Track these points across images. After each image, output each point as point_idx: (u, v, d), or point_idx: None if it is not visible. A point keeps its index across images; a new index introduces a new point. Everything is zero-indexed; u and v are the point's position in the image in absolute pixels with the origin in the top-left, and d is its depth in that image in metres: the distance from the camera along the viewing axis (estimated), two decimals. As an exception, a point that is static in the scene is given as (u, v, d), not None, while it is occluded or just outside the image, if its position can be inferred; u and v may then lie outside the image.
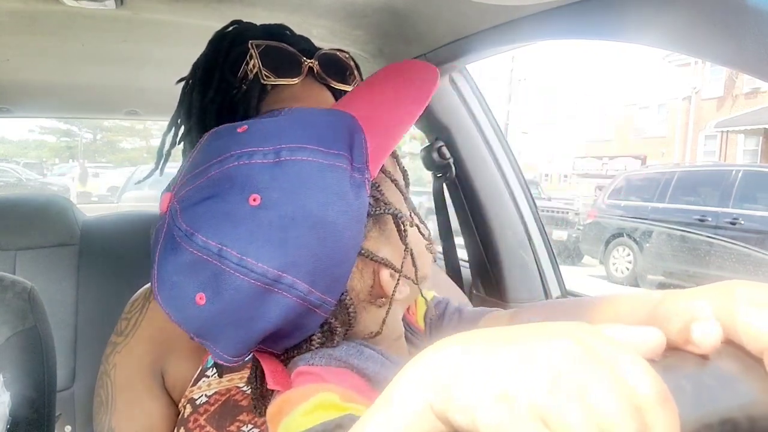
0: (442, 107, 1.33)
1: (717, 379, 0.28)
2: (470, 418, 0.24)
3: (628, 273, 7.15)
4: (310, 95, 0.82)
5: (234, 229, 0.47)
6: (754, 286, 0.31)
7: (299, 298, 0.48)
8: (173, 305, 0.50)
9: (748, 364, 0.29)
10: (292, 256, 0.47)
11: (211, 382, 0.77)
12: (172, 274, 0.49)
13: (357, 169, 0.50)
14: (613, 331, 0.26)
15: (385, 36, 1.20)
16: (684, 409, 0.26)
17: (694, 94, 20.10)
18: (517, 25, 0.93)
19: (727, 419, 0.27)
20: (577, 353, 0.24)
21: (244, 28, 0.86)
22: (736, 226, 6.59)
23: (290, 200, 0.48)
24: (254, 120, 0.55)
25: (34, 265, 1.43)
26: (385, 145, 0.52)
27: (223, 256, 0.47)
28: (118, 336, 0.82)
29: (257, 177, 0.48)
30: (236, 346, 0.51)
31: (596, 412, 0.22)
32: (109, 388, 0.79)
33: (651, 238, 7.16)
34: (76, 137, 23.10)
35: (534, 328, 0.27)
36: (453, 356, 0.27)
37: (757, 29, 0.57)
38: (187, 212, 0.49)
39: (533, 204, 1.45)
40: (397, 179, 0.57)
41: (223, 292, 0.48)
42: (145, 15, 1.08)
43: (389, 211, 0.54)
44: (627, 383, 0.23)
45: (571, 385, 0.23)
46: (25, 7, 1.03)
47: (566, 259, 7.94)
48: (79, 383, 1.41)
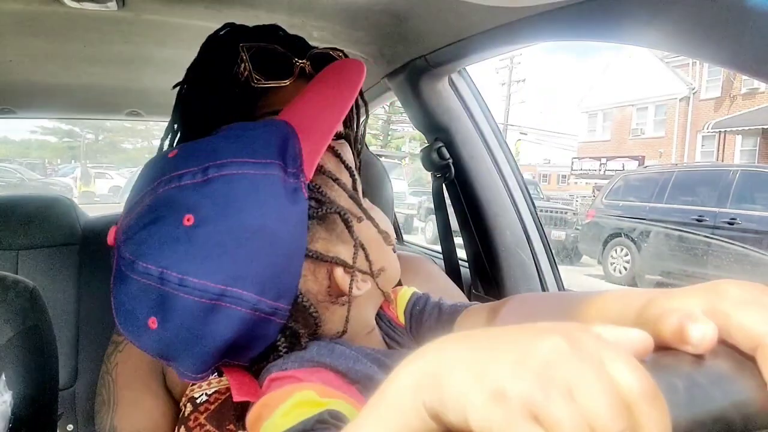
0: (441, 108, 1.34)
1: (710, 377, 0.28)
2: (462, 416, 0.25)
3: (626, 273, 7.16)
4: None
5: (172, 251, 0.49)
6: (742, 285, 0.31)
7: (249, 308, 0.49)
8: (131, 331, 0.53)
9: (740, 362, 0.29)
10: (234, 269, 0.49)
11: (211, 380, 0.77)
12: (125, 302, 0.52)
13: (291, 174, 0.51)
14: (603, 330, 0.27)
15: (385, 38, 1.21)
16: (677, 407, 0.26)
17: (692, 95, 20.12)
18: (516, 27, 0.93)
19: (720, 418, 0.27)
20: (567, 351, 0.24)
21: (236, 30, 0.85)
22: (734, 225, 6.60)
23: (223, 215, 0.49)
24: (185, 144, 0.57)
25: (35, 265, 1.43)
26: (317, 146, 0.53)
27: (165, 279, 0.49)
28: (119, 335, 0.83)
29: (188, 197, 0.50)
30: (196, 363, 0.53)
31: (586, 409, 0.23)
32: (110, 386, 0.80)
33: (649, 238, 7.18)
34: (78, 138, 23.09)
35: (525, 327, 0.27)
36: (446, 356, 0.28)
37: (756, 30, 0.57)
38: (130, 242, 0.51)
39: (532, 204, 1.46)
40: (339, 177, 0.58)
41: (172, 313, 0.49)
42: (147, 16, 1.09)
43: (333, 210, 0.55)
44: (617, 380, 0.24)
45: (561, 382, 0.24)
46: (26, 8, 1.03)
47: (565, 259, 7.96)
48: (80, 382, 1.41)
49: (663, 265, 6.79)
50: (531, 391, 0.23)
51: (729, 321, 0.29)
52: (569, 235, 8.39)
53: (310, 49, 0.84)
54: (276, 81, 0.79)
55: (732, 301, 0.30)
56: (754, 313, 0.29)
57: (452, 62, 1.19)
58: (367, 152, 1.62)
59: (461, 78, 1.36)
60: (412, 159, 21.41)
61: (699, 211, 7.10)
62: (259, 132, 0.55)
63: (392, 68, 1.32)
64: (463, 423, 0.25)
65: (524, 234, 1.41)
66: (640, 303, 0.34)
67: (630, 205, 8.27)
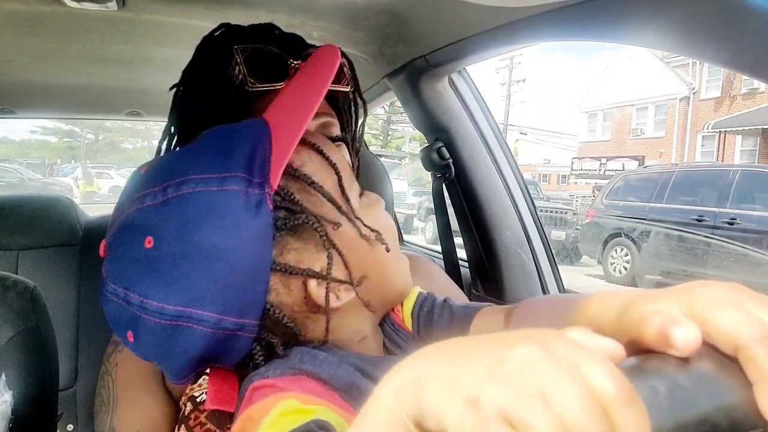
0: (441, 108, 1.34)
1: (693, 380, 0.27)
2: (440, 425, 0.25)
3: (626, 273, 7.17)
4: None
5: (135, 274, 0.50)
6: (716, 286, 0.31)
7: (210, 328, 0.50)
8: (122, 339, 0.55)
9: (724, 363, 0.28)
10: (191, 291, 0.49)
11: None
12: (108, 314, 0.55)
13: (256, 185, 0.50)
14: (576, 335, 0.27)
15: (385, 38, 1.21)
16: (659, 411, 0.26)
17: (692, 95, 20.13)
18: (516, 27, 0.93)
19: (704, 420, 0.26)
20: (540, 356, 0.24)
21: (231, 30, 0.84)
22: (734, 225, 6.60)
23: (179, 236, 0.49)
24: (156, 158, 0.58)
25: (36, 265, 1.43)
26: (285, 149, 0.51)
27: (129, 301, 0.50)
28: None
29: (149, 219, 0.51)
30: (174, 372, 0.54)
31: (561, 413, 0.23)
32: (110, 387, 0.80)
33: (649, 238, 7.18)
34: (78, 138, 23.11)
35: (500, 335, 0.27)
36: (423, 367, 0.28)
37: (756, 30, 0.57)
38: (106, 261, 0.54)
39: (532, 204, 1.46)
40: (316, 181, 0.55)
41: (140, 331, 0.51)
42: (147, 16, 1.09)
43: (302, 221, 0.53)
44: (591, 383, 0.23)
45: (535, 387, 0.23)
46: (27, 8, 1.03)
47: (565, 259, 7.96)
48: (81, 382, 1.41)
49: (663, 265, 6.79)
50: (505, 397, 0.23)
51: (707, 323, 0.29)
52: (569, 235, 8.39)
53: (307, 47, 0.82)
54: (270, 84, 0.78)
55: (708, 302, 0.29)
56: (731, 313, 0.29)
57: (452, 62, 1.19)
58: (367, 152, 1.62)
59: (461, 78, 1.36)
60: (412, 159, 21.42)
61: (699, 211, 7.10)
62: (229, 140, 0.54)
63: (392, 68, 1.32)
64: (442, 430, 0.25)
65: (524, 234, 1.41)
66: (618, 307, 0.33)
67: (630, 205, 8.27)
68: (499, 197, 1.39)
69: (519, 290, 1.39)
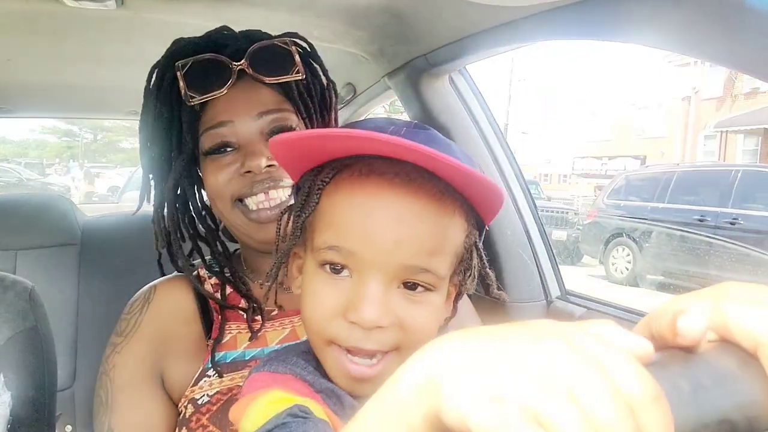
0: (441, 107, 1.33)
1: (714, 378, 0.28)
2: (462, 420, 0.25)
3: (627, 273, 7.15)
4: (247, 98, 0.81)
5: None
6: (744, 286, 0.31)
7: None
8: None
9: (744, 360, 0.29)
10: None
11: (212, 381, 0.77)
12: None
13: None
14: (603, 329, 0.27)
15: (386, 37, 1.21)
16: (682, 408, 0.26)
17: (694, 95, 20.11)
18: (516, 26, 0.93)
19: (725, 419, 0.27)
20: (568, 354, 0.24)
21: (177, 47, 0.85)
22: (736, 225, 6.59)
23: None
24: None
25: (34, 265, 1.43)
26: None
27: None
28: (118, 336, 0.83)
29: None
30: None
31: (591, 413, 0.23)
32: (108, 388, 0.79)
33: (650, 238, 7.17)
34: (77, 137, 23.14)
35: (525, 328, 0.27)
36: (445, 358, 0.28)
37: (757, 29, 0.57)
38: None
39: (533, 204, 1.45)
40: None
41: None
42: (146, 15, 1.08)
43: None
44: (620, 384, 0.23)
45: (562, 384, 0.23)
46: (25, 7, 1.03)
47: (566, 259, 7.94)
48: (79, 383, 1.41)
49: (664, 265, 6.78)
50: (532, 395, 0.23)
51: (729, 320, 0.29)
52: (570, 235, 8.38)
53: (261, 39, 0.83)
54: (212, 93, 0.79)
55: (733, 300, 0.30)
56: (754, 312, 0.29)
57: (452, 61, 1.19)
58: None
59: (461, 77, 1.35)
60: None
61: (701, 211, 7.08)
62: None
63: (392, 67, 1.32)
64: (463, 425, 0.25)
65: (525, 234, 1.40)
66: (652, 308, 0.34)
67: (631, 205, 8.26)
68: (499, 197, 1.38)
69: (520, 290, 1.39)
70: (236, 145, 0.81)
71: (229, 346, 0.81)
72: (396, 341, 0.54)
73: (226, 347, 0.81)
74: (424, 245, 0.53)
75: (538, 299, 1.40)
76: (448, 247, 0.55)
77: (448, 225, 0.54)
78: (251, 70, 0.80)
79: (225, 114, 0.80)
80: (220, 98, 0.80)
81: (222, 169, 0.81)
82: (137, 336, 0.81)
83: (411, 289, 0.54)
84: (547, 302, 1.40)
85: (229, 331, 0.82)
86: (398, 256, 0.52)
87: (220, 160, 0.82)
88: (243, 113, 0.81)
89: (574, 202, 13.48)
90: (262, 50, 0.81)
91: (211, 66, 0.79)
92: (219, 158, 0.82)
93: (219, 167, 0.81)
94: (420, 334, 0.54)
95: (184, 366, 0.81)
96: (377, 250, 0.52)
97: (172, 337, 0.82)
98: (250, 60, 0.80)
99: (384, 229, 0.51)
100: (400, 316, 0.53)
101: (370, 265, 0.52)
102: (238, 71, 0.80)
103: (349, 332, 0.53)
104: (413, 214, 0.52)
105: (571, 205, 11.71)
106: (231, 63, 0.79)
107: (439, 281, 0.55)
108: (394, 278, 0.53)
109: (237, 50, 0.81)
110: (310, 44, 0.90)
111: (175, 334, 0.82)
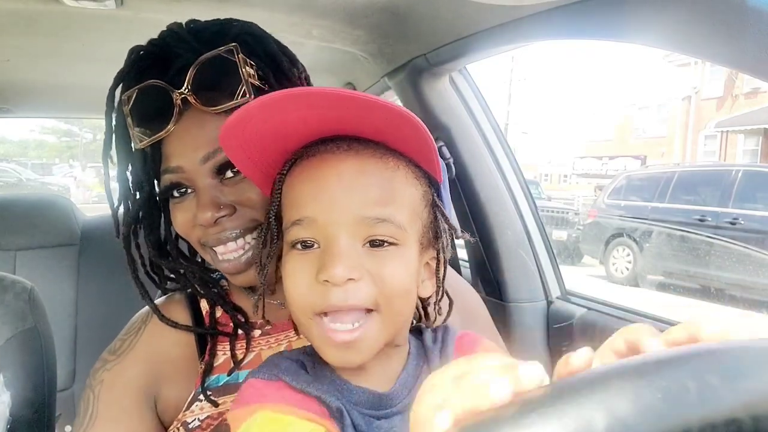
0: (442, 107, 1.33)
1: (723, 378, 0.28)
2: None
3: (627, 273, 7.15)
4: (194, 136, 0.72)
5: None
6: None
7: None
8: None
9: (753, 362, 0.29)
10: None
11: (203, 406, 0.76)
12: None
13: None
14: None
15: (385, 36, 1.20)
16: (689, 408, 0.26)
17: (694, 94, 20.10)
18: (516, 26, 0.92)
19: (731, 420, 0.27)
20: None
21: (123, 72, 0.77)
22: (736, 225, 6.58)
23: None
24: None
25: (34, 266, 1.43)
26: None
27: None
28: (111, 354, 0.81)
29: None
30: None
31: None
32: (90, 402, 0.77)
33: (651, 238, 7.16)
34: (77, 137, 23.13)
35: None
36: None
37: (757, 29, 0.57)
38: None
39: (533, 204, 1.45)
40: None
41: None
42: (145, 15, 1.08)
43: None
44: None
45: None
46: (25, 7, 1.03)
47: (566, 259, 7.93)
48: (79, 383, 1.41)
49: (665, 265, 6.77)
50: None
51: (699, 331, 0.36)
52: (571, 235, 8.37)
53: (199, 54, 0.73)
54: (156, 135, 0.72)
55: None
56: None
57: (452, 61, 1.18)
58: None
59: (462, 77, 1.35)
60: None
61: (701, 211, 7.07)
62: None
63: (392, 67, 1.32)
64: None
65: (525, 234, 1.40)
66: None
67: (632, 205, 8.26)
68: (500, 196, 1.38)
69: (520, 290, 1.39)
70: (192, 186, 0.74)
71: (223, 369, 0.79)
72: (372, 297, 0.57)
73: (219, 370, 0.79)
74: (372, 195, 0.57)
75: (538, 299, 1.40)
76: (400, 198, 0.59)
77: (392, 177, 0.59)
78: (194, 97, 0.71)
79: (174, 158, 0.73)
80: (168, 135, 0.72)
81: (182, 213, 0.75)
82: (131, 357, 0.79)
83: (377, 247, 0.57)
84: (547, 302, 1.40)
85: (224, 352, 0.80)
86: (351, 209, 0.56)
87: (180, 205, 0.76)
88: (190, 155, 0.72)
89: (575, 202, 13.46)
90: (205, 68, 0.72)
91: (155, 95, 0.72)
92: (179, 202, 0.76)
93: (179, 211, 0.76)
94: (393, 288, 0.57)
95: (178, 389, 0.79)
96: (331, 209, 0.56)
97: (167, 360, 0.80)
98: (192, 84, 0.71)
99: (333, 188, 0.57)
100: (369, 269, 0.57)
101: (330, 226, 0.56)
102: (182, 101, 0.71)
103: (324, 293, 0.56)
104: (357, 170, 0.58)
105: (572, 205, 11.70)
106: (173, 91, 0.71)
107: (400, 233, 0.58)
108: (356, 235, 0.57)
109: (179, 69, 0.72)
110: (268, 37, 0.81)
111: (169, 357, 0.80)
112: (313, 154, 0.60)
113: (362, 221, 0.56)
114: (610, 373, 0.29)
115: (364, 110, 0.56)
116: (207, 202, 0.72)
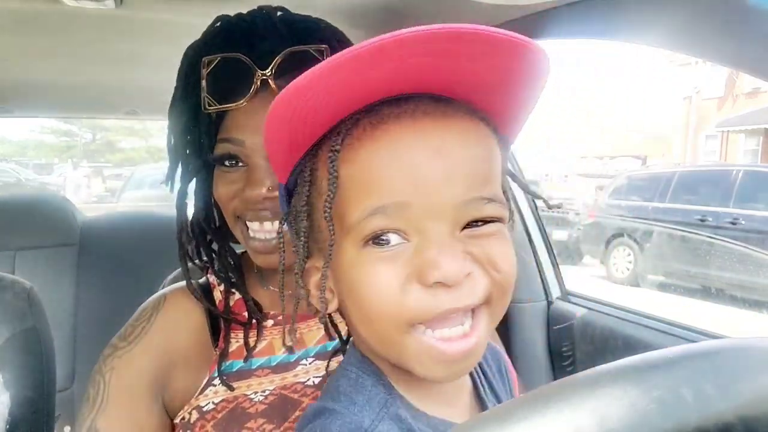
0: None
1: (718, 386, 0.28)
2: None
3: (628, 273, 7.15)
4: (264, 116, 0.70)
5: None
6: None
7: None
8: None
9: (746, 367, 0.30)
10: None
11: (218, 390, 0.77)
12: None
13: None
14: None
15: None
16: (685, 416, 0.26)
17: (695, 94, 20.08)
18: (517, 25, 0.92)
19: (725, 428, 0.27)
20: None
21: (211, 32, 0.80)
22: (737, 226, 6.58)
23: None
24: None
25: (33, 265, 1.43)
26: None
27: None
28: (121, 340, 0.81)
29: None
30: None
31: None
32: (100, 388, 0.77)
33: (652, 238, 7.16)
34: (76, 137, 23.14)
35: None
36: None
37: (757, 29, 0.57)
38: None
39: (533, 204, 1.45)
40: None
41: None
42: (145, 14, 1.08)
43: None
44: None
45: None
46: (24, 7, 1.02)
47: (567, 259, 7.93)
48: (78, 384, 1.41)
49: (666, 265, 6.77)
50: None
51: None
52: (571, 235, 8.37)
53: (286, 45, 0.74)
54: (231, 104, 0.74)
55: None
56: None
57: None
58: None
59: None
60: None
61: (702, 211, 7.07)
62: None
63: (392, 67, 1.31)
64: None
65: (526, 234, 1.40)
66: None
67: (632, 205, 8.25)
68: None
69: (520, 290, 1.38)
70: (246, 162, 0.77)
71: (236, 355, 0.80)
72: (487, 290, 0.47)
73: (233, 356, 0.80)
74: (479, 170, 0.46)
75: (538, 299, 1.40)
76: (497, 168, 0.49)
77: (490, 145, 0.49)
78: (274, 82, 0.73)
79: (238, 130, 0.75)
80: (237, 111, 0.75)
81: (228, 184, 0.78)
82: (143, 344, 0.80)
83: (476, 227, 0.47)
84: (547, 302, 1.40)
85: (236, 340, 0.81)
86: (458, 190, 0.45)
87: (227, 174, 0.78)
88: (256, 133, 0.74)
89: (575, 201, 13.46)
90: (292, 58, 0.73)
91: (236, 68, 0.73)
92: (227, 172, 0.78)
93: (225, 182, 0.78)
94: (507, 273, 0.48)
95: (189, 376, 0.80)
96: (431, 190, 0.44)
97: (179, 348, 0.81)
98: (276, 69, 0.73)
99: (430, 164, 0.44)
100: (477, 254, 0.46)
101: (429, 213, 0.45)
102: (261, 81, 0.73)
103: (434, 297, 0.45)
104: (458, 139, 0.46)
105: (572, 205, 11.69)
106: (256, 70, 0.73)
107: (505, 210, 0.48)
108: (457, 222, 0.46)
109: (267, 52, 0.74)
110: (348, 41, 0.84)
111: (182, 345, 0.81)
112: (372, 121, 0.46)
113: (469, 203, 0.46)
114: (602, 377, 0.29)
115: (499, 57, 0.43)
116: (260, 179, 0.74)
